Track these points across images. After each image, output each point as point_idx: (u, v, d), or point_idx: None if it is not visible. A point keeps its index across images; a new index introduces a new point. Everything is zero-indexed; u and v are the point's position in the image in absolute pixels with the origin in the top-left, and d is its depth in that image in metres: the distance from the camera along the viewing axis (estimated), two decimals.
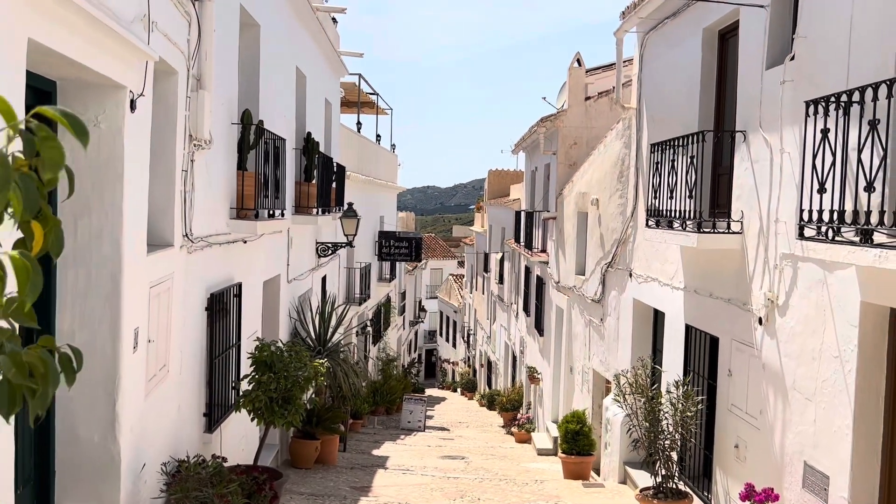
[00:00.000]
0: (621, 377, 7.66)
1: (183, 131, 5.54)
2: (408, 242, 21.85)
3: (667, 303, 8.62)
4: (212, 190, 6.72)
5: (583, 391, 12.48)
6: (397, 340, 28.20)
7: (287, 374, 6.64)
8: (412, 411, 19.01)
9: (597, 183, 11.78)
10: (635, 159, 10.05)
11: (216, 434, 6.89)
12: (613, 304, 10.83)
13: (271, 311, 9.82)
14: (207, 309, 6.65)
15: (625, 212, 10.48)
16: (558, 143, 14.99)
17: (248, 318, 8.12)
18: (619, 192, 10.69)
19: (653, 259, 9.19)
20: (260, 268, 8.73)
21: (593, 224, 11.88)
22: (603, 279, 11.27)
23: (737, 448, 6.66)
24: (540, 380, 16.41)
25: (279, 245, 9.85)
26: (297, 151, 10.99)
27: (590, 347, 12.04)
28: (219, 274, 7.02)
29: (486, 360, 30.16)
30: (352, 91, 20.80)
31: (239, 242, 7.66)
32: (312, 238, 12.53)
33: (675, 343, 8.26)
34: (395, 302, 27.08)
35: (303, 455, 10.27)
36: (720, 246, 6.82)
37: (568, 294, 13.64)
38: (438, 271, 49.38)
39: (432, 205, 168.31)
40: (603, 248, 11.36)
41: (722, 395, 7.05)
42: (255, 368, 6.67)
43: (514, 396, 19.99)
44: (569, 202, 13.90)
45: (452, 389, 36.88)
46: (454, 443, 16.07)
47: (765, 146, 6.34)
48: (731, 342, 6.84)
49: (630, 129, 10.38)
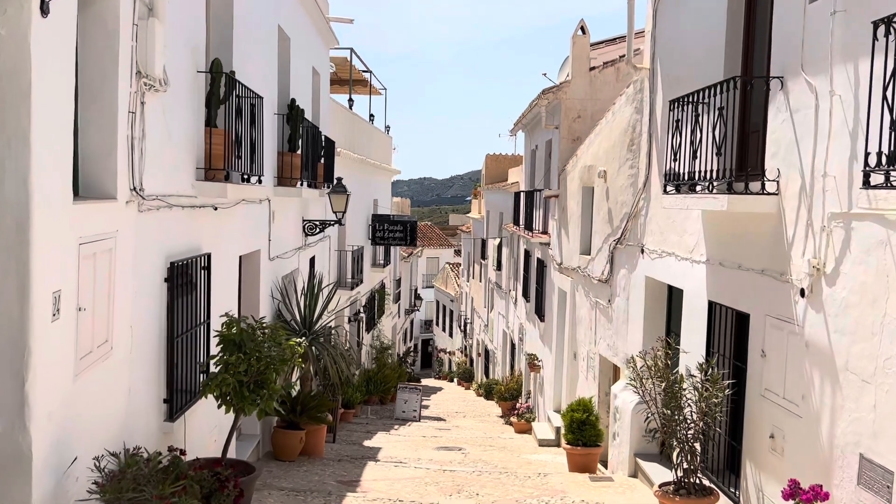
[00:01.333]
0: (637, 359, 6.83)
1: (129, 65, 4.68)
2: (402, 226, 21.01)
3: (686, 279, 7.79)
4: (173, 143, 5.86)
5: (588, 378, 11.67)
6: (392, 329, 27.38)
7: (259, 355, 5.80)
8: (407, 400, 18.21)
9: (604, 154, 10.93)
10: (648, 124, 9.20)
11: (179, 423, 6.05)
12: (623, 283, 10.00)
13: (250, 290, 8.96)
14: (167, 280, 5.80)
15: (636, 183, 9.64)
16: (561, 117, 14.13)
17: (221, 295, 7.27)
18: (630, 162, 9.84)
19: (668, 231, 8.36)
20: (235, 240, 7.87)
21: (600, 199, 11.04)
22: (611, 257, 10.44)
23: (772, 439, 5.85)
24: (540, 367, 15.60)
25: (258, 217, 8.99)
26: (280, 118, 10.12)
27: (596, 331, 11.22)
28: (182, 241, 6.16)
29: (483, 349, 29.38)
30: (343, 67, 19.90)
31: (208, 208, 6.81)
32: (298, 215, 11.67)
33: (695, 322, 7.44)
34: (390, 289, 26.25)
35: (286, 446, 9.45)
36: (753, 209, 5.98)
37: (571, 275, 12.81)
38: (435, 260, 48.56)
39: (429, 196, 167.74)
40: (611, 224, 10.52)
41: (753, 379, 6.23)
42: (222, 348, 5.82)
43: (512, 385, 19.19)
44: (572, 178, 13.05)
45: (449, 379, 36.15)
46: (451, 433, 15.27)
47: (808, 92, 5.50)
48: (765, 318, 6.01)
49: (642, 92, 9.53)
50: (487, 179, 30.53)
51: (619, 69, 14.09)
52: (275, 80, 9.81)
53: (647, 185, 9.22)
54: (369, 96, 23.51)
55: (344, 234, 17.20)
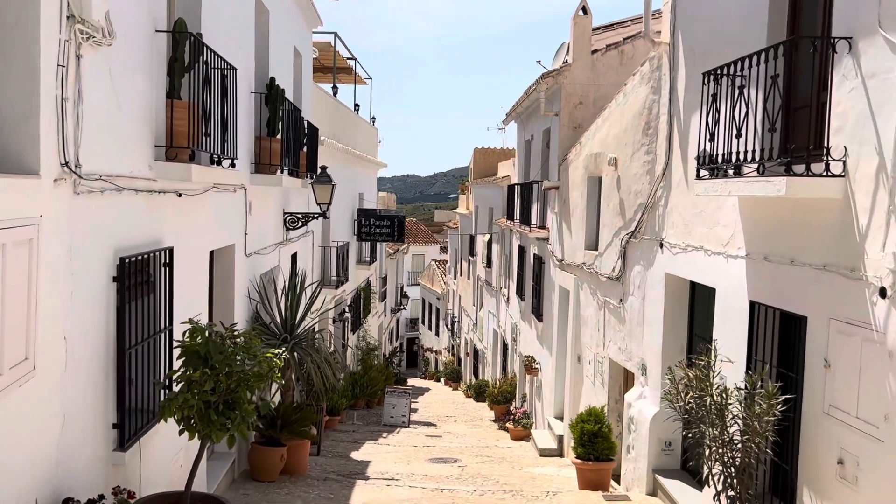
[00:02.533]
0: (677, 370, 5.89)
1: (57, 4, 3.66)
2: (389, 221, 20.01)
3: (718, 276, 6.88)
4: (124, 114, 4.85)
5: (595, 384, 10.76)
6: (378, 328, 26.39)
7: (230, 370, 4.81)
8: (395, 405, 17.24)
9: (615, 140, 10.00)
10: (669, 104, 8.28)
11: (133, 452, 5.04)
12: (637, 281, 9.08)
13: (224, 290, 7.95)
14: (117, 279, 4.78)
15: (652, 170, 8.72)
16: (561, 103, 13.20)
17: (187, 297, 6.26)
18: (646, 147, 8.92)
19: (695, 223, 7.44)
20: (204, 233, 6.86)
21: (610, 189, 10.12)
22: (623, 252, 9.52)
23: (841, 465, 4.94)
24: (538, 370, 14.68)
25: (233, 208, 7.97)
26: (258, 98, 9.10)
27: (604, 333, 10.30)
28: (137, 232, 5.15)
29: (472, 348, 28.45)
30: (326, 53, 18.85)
31: (170, 194, 5.79)
32: (278, 206, 10.65)
33: (733, 325, 6.52)
34: (376, 287, 25.24)
35: (265, 465, 8.45)
36: (815, 194, 5.06)
37: (575, 273, 11.89)
38: (420, 257, 47.60)
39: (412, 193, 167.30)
40: (623, 216, 9.60)
41: (812, 393, 5.32)
42: (184, 361, 4.82)
43: (506, 388, 18.28)
44: (576, 167, 12.12)
45: (436, 379, 35.23)
46: (443, 441, 14.32)
47: (888, 53, 4.59)
48: (829, 322, 5.10)
49: (660, 70, 8.60)
50: (476, 174, 29.59)
51: (623, 52, 13.19)
52: (251, 54, 8.79)
53: (666, 172, 8.30)
54: (354, 85, 22.48)
55: (328, 230, 16.18)
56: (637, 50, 13.17)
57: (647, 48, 13.27)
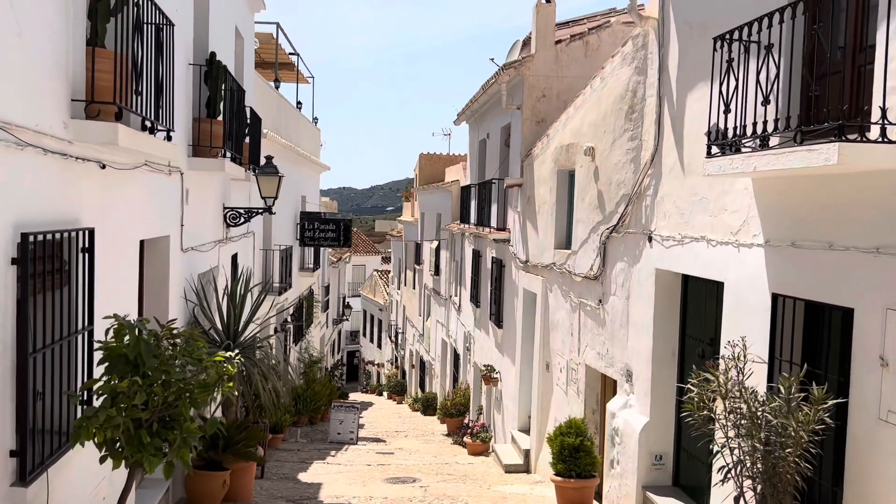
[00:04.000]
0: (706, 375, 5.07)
1: None
2: (335, 225, 18.90)
3: (727, 268, 6.13)
4: (27, 54, 3.76)
5: (568, 393, 9.94)
6: (320, 340, 25.13)
7: (167, 379, 3.75)
8: (342, 421, 16.11)
9: (591, 128, 9.26)
10: (658, 84, 7.56)
11: (39, 486, 3.90)
12: (620, 279, 8.32)
13: (156, 288, 6.81)
14: (18, 262, 3.68)
15: (637, 158, 7.99)
16: (523, 96, 12.45)
17: (112, 292, 5.14)
18: (629, 133, 8.19)
19: (694, 212, 6.71)
20: (133, 217, 5.74)
21: (586, 181, 9.36)
22: (603, 249, 8.75)
23: None
24: (498, 380, 13.82)
25: (167, 193, 6.85)
26: (197, 72, 8.00)
27: (579, 338, 9.50)
28: (46, 205, 4.05)
29: (418, 360, 27.45)
30: (268, 46, 17.69)
31: (92, 164, 4.69)
32: (218, 199, 9.51)
33: (748, 323, 5.77)
34: (319, 296, 24.01)
35: (205, 493, 7.29)
36: (874, 164, 4.33)
37: (542, 274, 11.09)
38: (361, 268, 46.38)
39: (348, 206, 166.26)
40: (602, 210, 8.84)
41: (863, 397, 4.58)
42: (108, 368, 3.74)
43: (459, 400, 17.35)
44: (542, 162, 11.36)
45: (378, 393, 34.06)
46: (397, 458, 13.27)
47: None
48: (886, 313, 4.38)
49: (646, 48, 7.89)
50: (422, 180, 28.73)
51: (589, 43, 12.55)
52: (189, 21, 7.69)
53: (655, 159, 7.57)
54: (296, 84, 21.26)
55: (269, 232, 15.01)
56: (603, 41, 12.56)
57: (613, 39, 12.68)
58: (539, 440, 10.98)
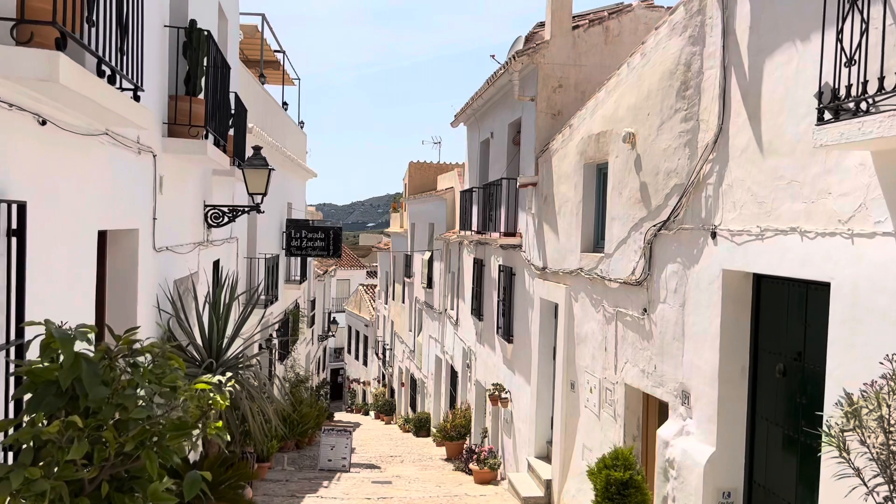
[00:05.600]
0: (864, 403, 3.82)
1: None
2: (324, 234, 17.58)
3: (837, 264, 4.93)
4: None
5: (601, 416, 8.69)
6: (306, 357, 23.71)
7: (125, 417, 2.45)
8: (334, 446, 14.71)
9: (630, 111, 8.09)
10: (722, 53, 6.39)
11: None
12: (672, 283, 7.11)
13: (122, 294, 5.49)
14: None
15: (694, 141, 6.82)
16: (538, 86, 11.28)
17: (56, 292, 3.82)
18: (682, 114, 7.02)
19: (781, 198, 5.52)
20: (89, 199, 4.42)
21: (623, 173, 8.17)
22: (648, 250, 7.55)
23: None
24: (508, 401, 12.54)
25: (136, 175, 5.55)
26: (174, 38, 6.72)
27: (616, 353, 8.27)
28: None
29: (408, 377, 26.07)
30: (252, 41, 16.44)
31: (27, 116, 3.40)
32: (198, 193, 8.21)
33: (874, 332, 4.57)
34: (306, 310, 22.61)
35: None
36: None
37: (566, 281, 9.86)
38: (345, 282, 44.93)
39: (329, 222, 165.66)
40: (647, 205, 7.65)
41: None
42: (30, 401, 2.43)
43: (460, 421, 16.03)
44: (563, 156, 10.17)
45: (364, 413, 32.58)
46: (397, 489, 11.92)
47: None
48: None
49: (703, 13, 6.74)
50: (412, 189, 27.52)
51: (609, 28, 11.43)
52: None
53: (720, 140, 6.40)
54: (282, 85, 19.98)
55: (254, 239, 13.68)
56: (624, 27, 11.45)
57: (636, 25, 11.58)
58: (563, 469, 9.72)
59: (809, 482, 5.43)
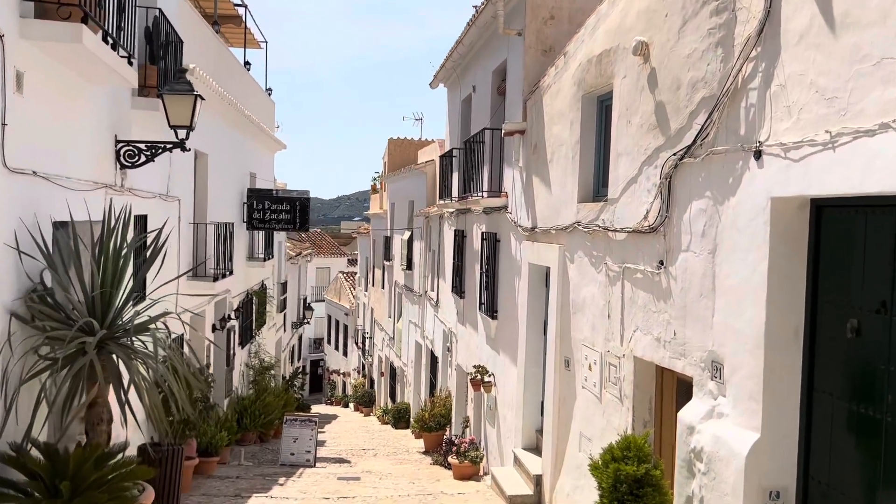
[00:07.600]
0: None
1: None
2: (289, 205, 15.93)
3: None
4: None
5: (603, 398, 7.13)
6: (276, 344, 22.05)
7: None
8: (297, 438, 13.14)
9: (642, 17, 6.51)
10: None
11: None
12: (700, 224, 5.54)
13: None
14: None
15: (729, 37, 5.25)
16: (526, 18, 9.70)
17: None
18: (713, 6, 5.43)
19: (864, 86, 3.95)
20: None
21: (634, 94, 6.59)
22: (667, 186, 5.98)
23: None
24: (492, 385, 10.97)
25: None
26: None
27: (623, 320, 6.71)
28: None
29: (388, 366, 24.51)
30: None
31: None
32: (103, 122, 6.55)
33: None
34: (275, 293, 20.95)
35: None
36: None
37: (559, 240, 8.30)
38: (325, 270, 43.28)
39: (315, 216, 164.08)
40: (664, 130, 6.08)
41: None
42: None
43: (440, 410, 14.47)
44: (557, 92, 8.59)
45: (344, 405, 31.04)
46: (364, 487, 10.34)
47: None
48: None
49: None
50: (391, 167, 25.92)
51: None
52: None
53: (767, 28, 4.83)
54: (244, 48, 18.18)
55: (204, 203, 12.02)
56: None
57: None
58: (555, 463, 8.17)
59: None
